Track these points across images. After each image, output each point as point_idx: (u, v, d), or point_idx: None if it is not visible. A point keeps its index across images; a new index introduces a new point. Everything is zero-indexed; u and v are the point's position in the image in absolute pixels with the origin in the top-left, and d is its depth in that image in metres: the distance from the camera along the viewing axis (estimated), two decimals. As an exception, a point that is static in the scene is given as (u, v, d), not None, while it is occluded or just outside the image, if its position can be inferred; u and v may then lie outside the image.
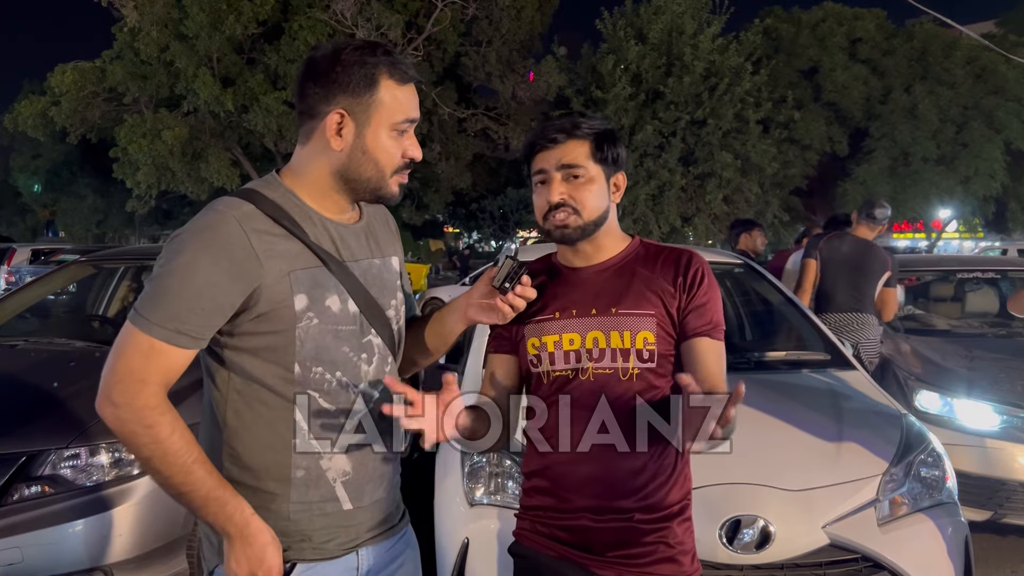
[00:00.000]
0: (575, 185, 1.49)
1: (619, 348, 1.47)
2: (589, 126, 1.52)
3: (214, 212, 1.27)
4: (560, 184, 1.49)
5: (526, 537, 1.59)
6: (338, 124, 1.31)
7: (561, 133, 1.50)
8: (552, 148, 1.50)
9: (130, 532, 2.67)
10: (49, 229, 34.45)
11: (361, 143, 1.32)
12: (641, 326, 1.47)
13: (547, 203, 1.50)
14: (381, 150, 1.33)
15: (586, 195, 1.49)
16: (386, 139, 1.33)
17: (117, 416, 1.20)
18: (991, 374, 4.04)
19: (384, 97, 1.32)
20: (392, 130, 1.33)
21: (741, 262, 4.03)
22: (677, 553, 1.49)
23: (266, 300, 1.26)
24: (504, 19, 16.09)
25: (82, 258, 4.89)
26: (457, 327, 1.52)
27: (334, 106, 1.31)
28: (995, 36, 19.90)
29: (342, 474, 1.35)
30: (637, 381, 1.47)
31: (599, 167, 1.51)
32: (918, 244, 26.79)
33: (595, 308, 1.50)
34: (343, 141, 1.32)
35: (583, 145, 1.50)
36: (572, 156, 1.49)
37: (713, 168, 15.57)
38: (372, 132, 1.32)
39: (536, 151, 1.53)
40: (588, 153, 1.50)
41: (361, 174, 1.34)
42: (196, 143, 15.38)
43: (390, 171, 1.35)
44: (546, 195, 1.51)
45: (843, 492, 2.37)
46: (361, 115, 1.31)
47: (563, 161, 1.49)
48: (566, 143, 1.50)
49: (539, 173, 1.53)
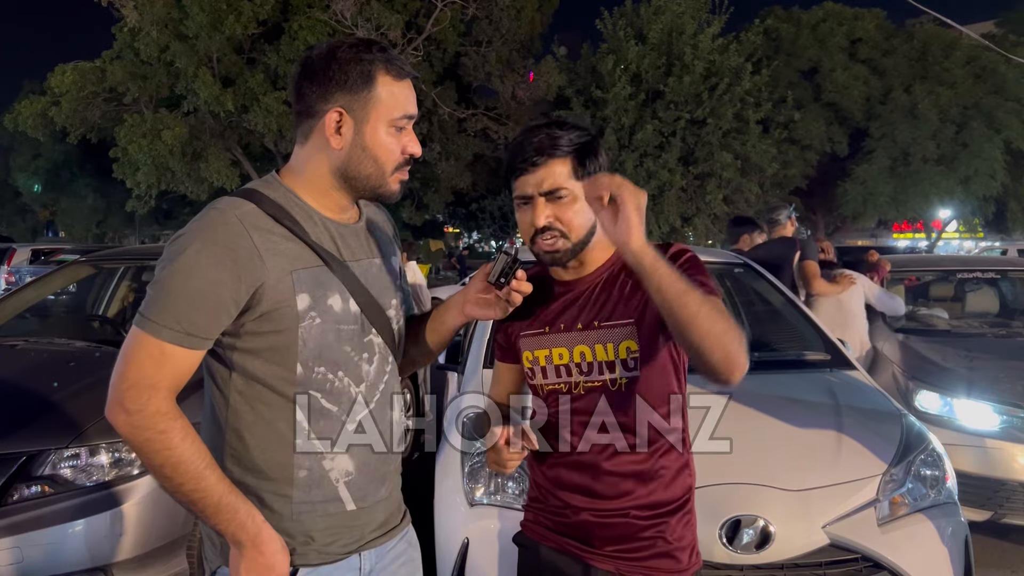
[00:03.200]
0: (560, 206, 1.45)
1: (604, 360, 1.48)
2: (568, 141, 1.45)
3: (216, 211, 1.27)
4: (544, 207, 1.45)
5: (529, 528, 1.62)
6: (337, 122, 1.31)
7: (540, 155, 1.44)
8: (533, 172, 1.44)
9: (130, 532, 2.67)
10: (49, 229, 34.47)
11: (360, 140, 1.32)
12: (624, 336, 1.46)
13: (532, 226, 1.47)
14: (380, 147, 1.33)
15: (572, 216, 1.45)
16: (385, 136, 1.33)
17: (130, 423, 1.18)
18: (991, 374, 4.04)
19: (381, 93, 1.31)
20: (391, 126, 1.33)
21: (741, 262, 4.03)
22: (675, 549, 1.50)
23: (269, 299, 1.26)
24: (504, 19, 16.08)
25: (82, 258, 4.89)
26: (455, 323, 1.52)
27: (332, 104, 1.30)
28: (995, 36, 19.89)
29: (345, 474, 1.35)
30: (626, 390, 1.48)
31: (581, 184, 1.44)
32: (918, 244, 26.78)
33: (580, 322, 1.51)
34: (342, 139, 1.32)
35: (564, 164, 1.44)
36: (554, 179, 1.44)
37: (713, 168, 15.58)
38: (371, 129, 1.32)
39: (516, 174, 1.48)
40: (570, 172, 1.44)
41: (361, 171, 1.34)
42: (196, 143, 15.37)
43: (390, 168, 1.35)
44: (531, 218, 1.47)
45: (843, 492, 2.37)
46: (359, 112, 1.31)
47: (544, 187, 1.44)
48: (547, 164, 1.44)
49: (521, 198, 1.48)
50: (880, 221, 22.97)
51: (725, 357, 1.25)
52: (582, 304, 1.52)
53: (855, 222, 21.57)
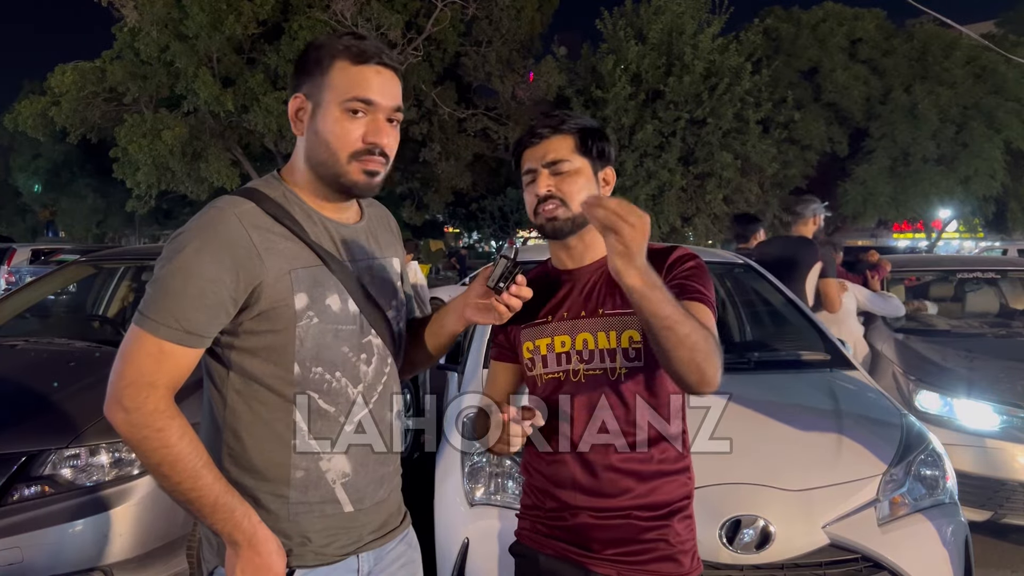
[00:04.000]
0: (561, 178, 1.51)
1: (606, 348, 1.48)
2: (574, 122, 1.55)
3: (214, 210, 1.27)
4: (547, 178, 1.51)
5: (526, 536, 1.60)
6: (298, 109, 1.32)
7: (546, 128, 1.53)
8: (537, 144, 1.53)
9: (130, 532, 2.67)
10: (49, 229, 34.46)
11: (314, 125, 1.31)
12: (627, 325, 1.47)
13: (535, 197, 1.52)
14: (330, 131, 1.29)
15: (572, 187, 1.50)
16: (336, 118, 1.28)
17: (129, 421, 1.18)
18: (991, 374, 4.04)
19: (335, 76, 1.29)
20: (342, 109, 1.28)
21: (741, 262, 4.03)
22: (677, 552, 1.49)
23: (267, 298, 1.25)
24: (504, 19, 16.07)
25: (82, 258, 4.89)
26: (455, 328, 1.52)
27: (296, 91, 1.32)
28: (995, 36, 19.88)
29: (342, 475, 1.34)
30: (627, 380, 1.47)
31: (585, 160, 1.53)
32: (918, 244, 26.77)
33: (584, 310, 1.51)
34: (302, 124, 1.32)
35: (567, 140, 1.53)
36: (556, 151, 1.52)
37: (713, 168, 15.57)
38: (323, 113, 1.30)
39: (523, 149, 1.56)
40: (573, 147, 1.52)
41: (318, 158, 1.32)
42: (196, 143, 15.37)
43: (344, 155, 1.29)
44: (534, 189, 1.53)
45: (843, 492, 2.37)
46: (316, 96, 1.30)
47: (548, 157, 1.52)
48: (551, 139, 1.53)
49: (527, 172, 1.55)
50: (880, 221, 22.94)
51: (699, 379, 1.30)
52: (587, 292, 1.53)
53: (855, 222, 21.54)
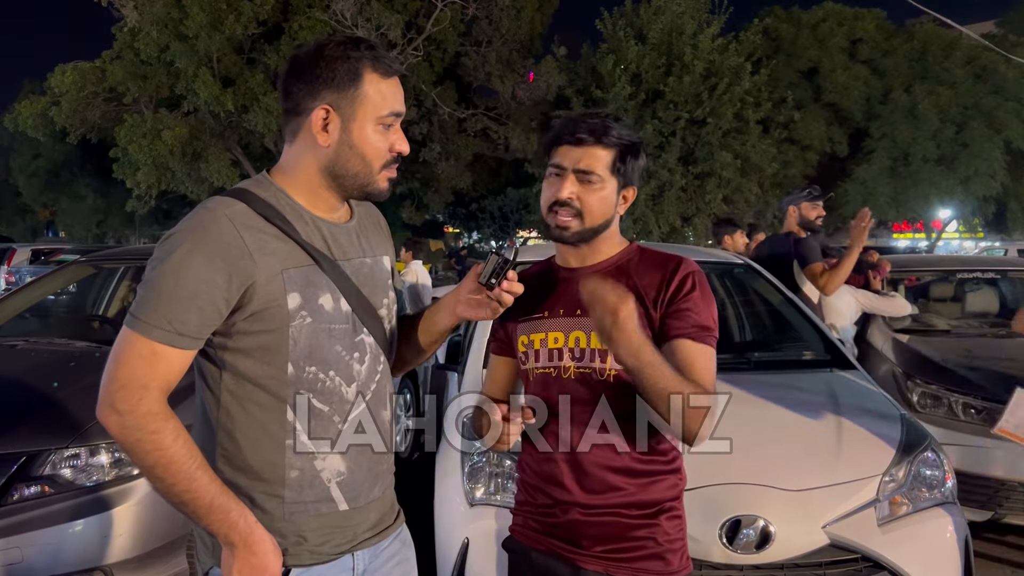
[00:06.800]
0: (586, 188, 1.50)
1: (598, 349, 1.49)
2: (618, 135, 1.51)
3: (205, 211, 1.27)
4: (572, 183, 1.50)
5: (519, 532, 1.62)
6: (324, 120, 1.31)
7: (590, 135, 1.49)
8: (576, 147, 1.50)
9: (130, 532, 2.67)
10: (49, 229, 34.46)
11: (347, 138, 1.32)
12: None
13: (554, 197, 1.51)
14: (368, 144, 1.33)
15: (594, 201, 1.50)
16: (372, 133, 1.33)
17: (121, 424, 1.18)
18: (991, 374, 4.03)
19: (369, 91, 1.31)
20: (378, 124, 1.33)
21: (742, 262, 4.02)
22: (665, 550, 1.50)
23: (259, 298, 1.25)
24: (504, 19, 16.06)
25: (82, 258, 4.89)
26: (446, 324, 1.53)
27: (319, 102, 1.31)
28: (995, 36, 19.88)
29: (336, 475, 1.34)
30: (614, 382, 1.48)
31: (615, 179, 1.52)
32: (918, 244, 26.77)
33: (580, 308, 1.51)
34: (329, 137, 1.32)
35: (607, 154, 1.50)
36: (591, 162, 1.49)
37: (713, 168, 15.56)
38: (358, 126, 1.32)
39: (561, 143, 1.53)
40: (608, 163, 1.50)
41: (348, 169, 1.34)
42: (196, 143, 15.36)
43: (378, 166, 1.35)
44: (556, 188, 1.51)
45: (843, 492, 2.37)
46: (346, 110, 1.31)
47: (581, 164, 1.49)
48: (591, 147, 1.49)
49: (555, 167, 1.53)
50: (880, 221, 22.94)
51: (688, 435, 1.35)
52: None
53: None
